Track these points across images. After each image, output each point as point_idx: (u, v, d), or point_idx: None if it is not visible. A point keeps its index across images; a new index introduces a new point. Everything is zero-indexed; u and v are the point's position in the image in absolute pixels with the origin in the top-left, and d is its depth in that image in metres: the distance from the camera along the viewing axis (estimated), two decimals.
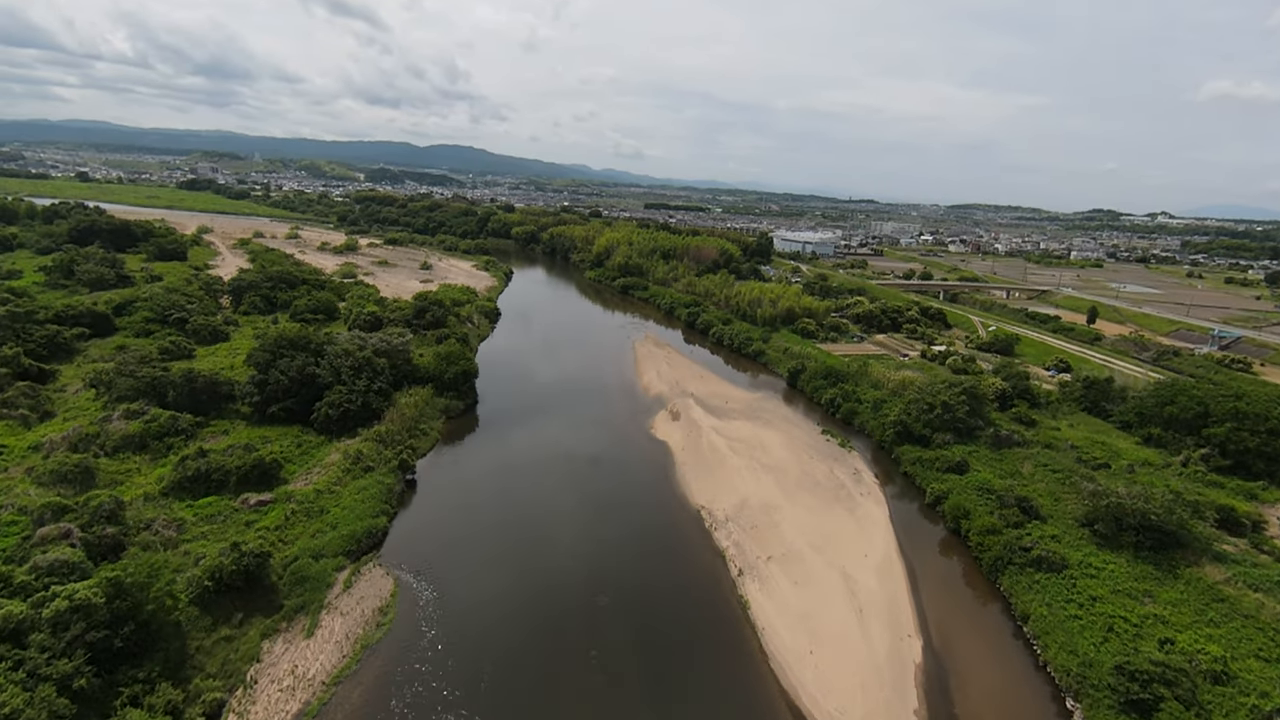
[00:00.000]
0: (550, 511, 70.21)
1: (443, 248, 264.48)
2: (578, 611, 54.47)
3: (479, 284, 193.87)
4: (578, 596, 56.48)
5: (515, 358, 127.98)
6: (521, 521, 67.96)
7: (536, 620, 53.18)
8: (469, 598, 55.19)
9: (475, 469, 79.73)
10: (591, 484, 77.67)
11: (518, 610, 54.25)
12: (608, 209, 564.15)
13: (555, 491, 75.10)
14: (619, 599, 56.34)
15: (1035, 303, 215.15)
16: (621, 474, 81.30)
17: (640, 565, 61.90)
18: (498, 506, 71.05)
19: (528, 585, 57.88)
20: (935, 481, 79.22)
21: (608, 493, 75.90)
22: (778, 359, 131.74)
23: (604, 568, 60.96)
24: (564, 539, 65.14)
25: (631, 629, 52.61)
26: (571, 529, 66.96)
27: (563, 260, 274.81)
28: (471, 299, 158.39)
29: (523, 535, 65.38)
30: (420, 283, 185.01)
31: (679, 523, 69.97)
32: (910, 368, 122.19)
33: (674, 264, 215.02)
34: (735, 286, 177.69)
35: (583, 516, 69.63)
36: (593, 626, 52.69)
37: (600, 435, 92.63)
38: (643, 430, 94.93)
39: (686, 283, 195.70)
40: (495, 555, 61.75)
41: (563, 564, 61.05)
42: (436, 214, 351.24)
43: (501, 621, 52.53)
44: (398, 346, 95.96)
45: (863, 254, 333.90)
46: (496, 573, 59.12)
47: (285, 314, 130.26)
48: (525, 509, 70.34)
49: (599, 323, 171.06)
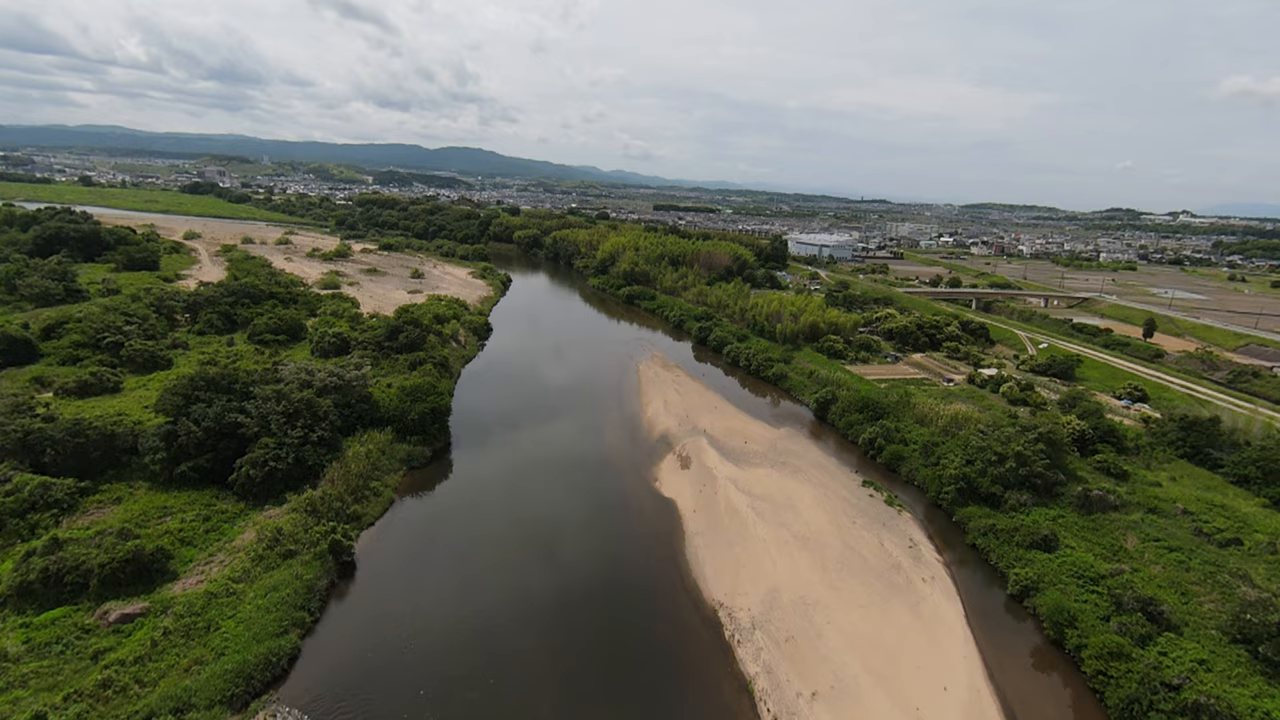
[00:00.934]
0: (519, 615, 53.03)
1: (440, 253, 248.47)
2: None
3: (473, 294, 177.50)
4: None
5: (502, 385, 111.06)
6: (481, 631, 50.87)
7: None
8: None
9: (432, 546, 62.74)
10: (577, 568, 60.39)
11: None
12: (616, 211, 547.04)
13: (529, 580, 57.96)
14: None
15: (1077, 312, 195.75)
16: (617, 550, 63.98)
17: (636, 713, 44.66)
18: (451, 604, 54.02)
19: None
20: (1018, 563, 61.37)
21: (598, 582, 58.61)
22: (802, 384, 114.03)
23: (584, 716, 43.83)
24: (533, 662, 48.02)
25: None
26: (543, 648, 49.79)
27: (566, 266, 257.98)
28: (459, 313, 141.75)
29: (477, 657, 48.29)
30: (408, 293, 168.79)
31: (689, 632, 52.60)
32: (958, 396, 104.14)
33: (683, 271, 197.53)
34: (751, 298, 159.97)
35: (560, 625, 52.42)
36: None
37: (593, 492, 75.41)
38: (645, 483, 77.67)
39: (697, 292, 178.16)
40: (440, 685, 44.77)
41: (529, 708, 43.96)
42: (437, 217, 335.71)
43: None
44: (352, 381, 79.25)
45: (882, 258, 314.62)
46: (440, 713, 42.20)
47: (245, 333, 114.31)
48: (488, 613, 53.19)
49: (601, 338, 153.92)
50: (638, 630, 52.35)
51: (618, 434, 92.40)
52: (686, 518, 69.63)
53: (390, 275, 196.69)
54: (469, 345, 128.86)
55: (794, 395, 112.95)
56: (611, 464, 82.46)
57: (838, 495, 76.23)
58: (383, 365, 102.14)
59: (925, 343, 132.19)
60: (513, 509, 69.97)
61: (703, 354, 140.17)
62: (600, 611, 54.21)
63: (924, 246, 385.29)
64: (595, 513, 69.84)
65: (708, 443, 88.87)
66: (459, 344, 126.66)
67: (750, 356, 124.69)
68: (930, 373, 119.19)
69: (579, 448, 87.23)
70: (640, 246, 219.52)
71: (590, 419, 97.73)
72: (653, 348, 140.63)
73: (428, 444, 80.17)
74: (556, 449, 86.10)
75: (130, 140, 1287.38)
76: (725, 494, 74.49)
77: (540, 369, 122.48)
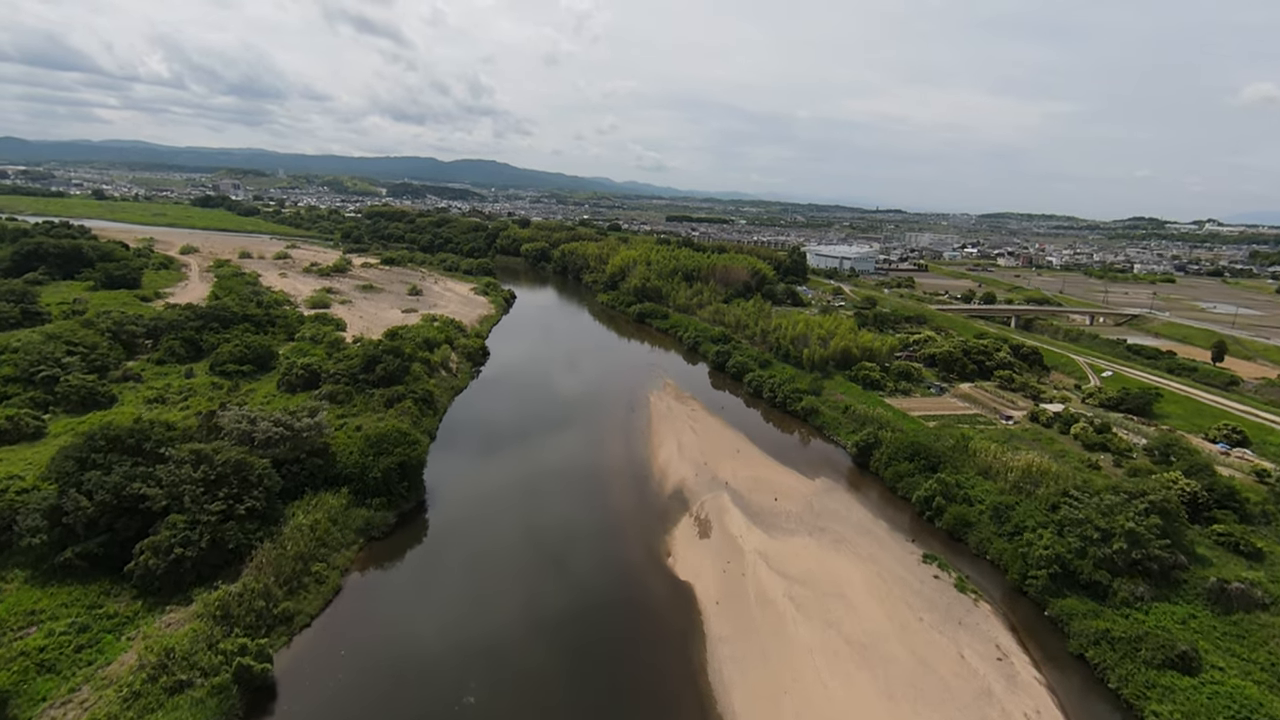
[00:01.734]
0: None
1: (443, 268, 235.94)
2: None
3: (472, 313, 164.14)
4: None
5: (493, 423, 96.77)
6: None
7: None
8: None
9: (377, 658, 48.24)
10: (566, 706, 45.57)
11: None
12: (628, 222, 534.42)
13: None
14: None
15: (1128, 330, 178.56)
16: (621, 671, 49.08)
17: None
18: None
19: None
20: (1152, 693, 45.67)
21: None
22: (836, 420, 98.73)
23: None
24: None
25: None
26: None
27: (574, 280, 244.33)
28: (453, 336, 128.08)
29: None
30: (401, 313, 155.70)
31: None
32: (1023, 439, 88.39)
33: (698, 287, 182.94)
34: (773, 318, 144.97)
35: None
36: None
37: (591, 576, 60.52)
38: (655, 560, 62.75)
39: (713, 310, 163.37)
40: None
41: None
42: (444, 230, 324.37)
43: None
44: (303, 431, 65.28)
45: (906, 270, 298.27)
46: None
47: (209, 362, 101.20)
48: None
49: (609, 363, 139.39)
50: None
51: (624, 489, 77.57)
52: (708, 613, 54.62)
53: (387, 292, 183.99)
54: (460, 373, 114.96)
55: (827, 434, 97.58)
56: (615, 533, 67.54)
57: (894, 576, 60.87)
58: (355, 402, 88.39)
59: (973, 371, 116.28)
60: (486, 599, 55.35)
61: (721, 381, 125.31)
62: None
63: (948, 258, 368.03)
64: (591, 611, 54.80)
65: (730, 499, 73.95)
66: (449, 372, 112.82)
67: (775, 387, 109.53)
68: (983, 407, 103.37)
69: (577, 510, 72.50)
70: (652, 260, 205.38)
71: (592, 468, 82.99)
72: (665, 374, 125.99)
73: (393, 506, 65.94)
74: (549, 513, 71.38)
75: (152, 155, 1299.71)
76: (755, 575, 59.46)
77: (538, 402, 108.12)
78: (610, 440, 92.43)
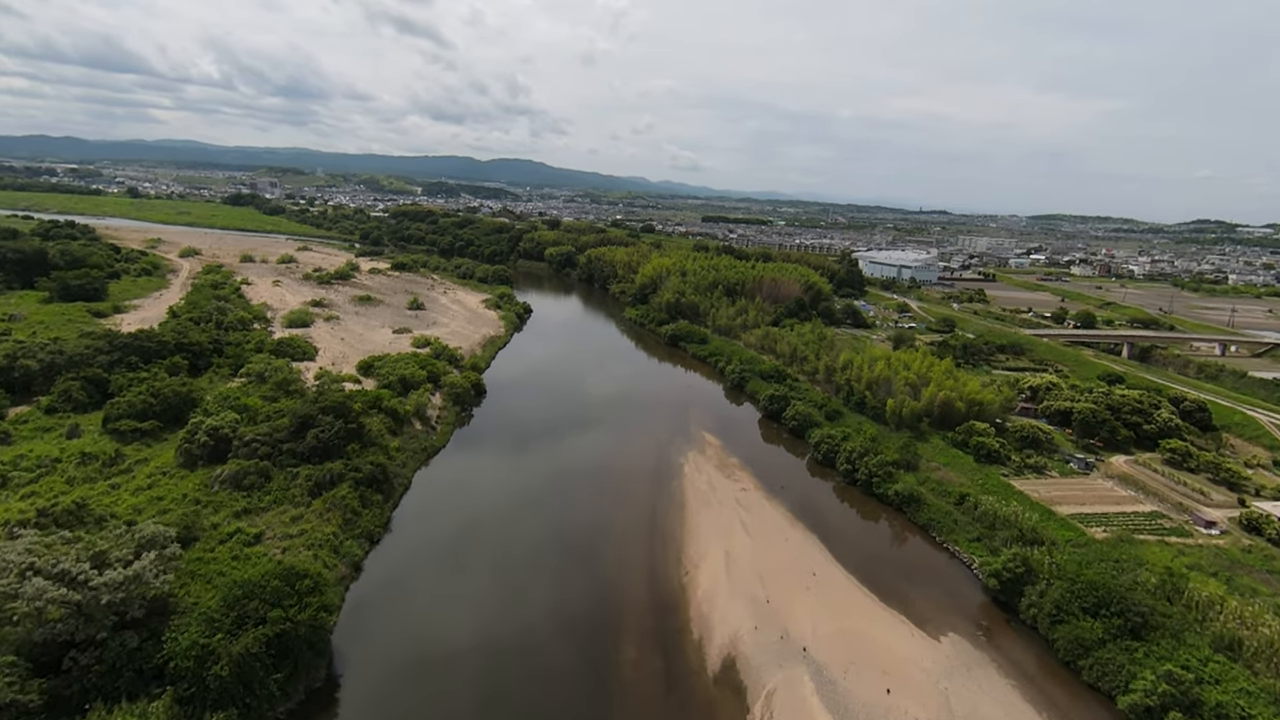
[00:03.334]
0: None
1: (457, 275, 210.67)
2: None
3: (477, 333, 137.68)
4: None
5: (466, 508, 69.09)
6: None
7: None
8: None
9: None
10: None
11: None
12: (662, 223, 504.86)
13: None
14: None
15: (1271, 362, 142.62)
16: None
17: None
18: None
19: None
20: None
21: None
22: (948, 519, 68.56)
23: None
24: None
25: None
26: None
27: (600, 290, 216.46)
28: (442, 371, 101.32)
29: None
30: (393, 333, 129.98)
31: None
32: (1247, 565, 57.24)
33: (742, 304, 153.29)
34: (838, 349, 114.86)
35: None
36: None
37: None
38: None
39: (761, 335, 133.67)
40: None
41: None
42: (466, 232, 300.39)
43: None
44: (111, 603, 38.33)
45: (971, 280, 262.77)
46: None
47: (110, 410, 75.99)
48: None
49: (634, 402, 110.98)
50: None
51: (644, 659, 48.91)
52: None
53: (385, 305, 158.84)
54: (441, 425, 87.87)
55: (938, 539, 67.52)
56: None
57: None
58: (272, 486, 61.83)
59: (1126, 437, 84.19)
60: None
61: (775, 435, 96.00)
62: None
63: (1014, 265, 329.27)
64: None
65: (815, 689, 44.99)
66: (425, 424, 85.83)
67: (855, 458, 79.42)
68: (1159, 500, 71.83)
69: (566, 700, 44.22)
70: (689, 270, 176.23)
71: (597, 611, 54.38)
72: (704, 421, 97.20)
73: (256, 716, 38.69)
74: (521, 701, 43.26)
75: (201, 154, 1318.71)
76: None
77: (534, 470, 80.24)
78: (627, 543, 64.03)
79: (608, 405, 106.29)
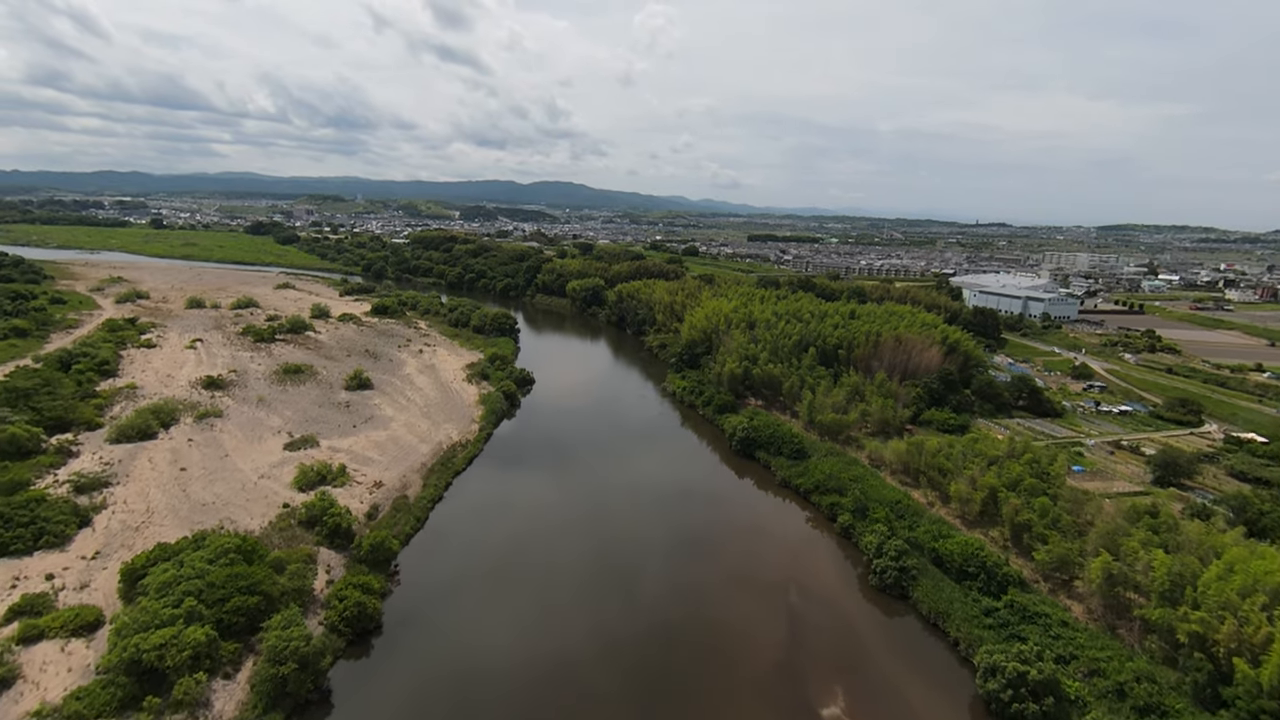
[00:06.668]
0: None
1: (448, 321, 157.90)
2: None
3: (432, 435, 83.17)
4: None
5: None
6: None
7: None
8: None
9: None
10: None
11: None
12: (706, 243, 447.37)
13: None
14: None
15: None
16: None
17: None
18: None
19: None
20: None
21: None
22: None
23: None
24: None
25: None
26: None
27: (634, 338, 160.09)
28: (286, 588, 46.44)
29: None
30: (286, 449, 76.48)
31: None
32: None
33: (850, 379, 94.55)
34: (1111, 526, 54.43)
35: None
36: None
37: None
38: None
39: (908, 450, 74.41)
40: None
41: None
42: (479, 261, 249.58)
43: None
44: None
45: (1111, 313, 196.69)
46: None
47: None
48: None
49: (682, 599, 53.47)
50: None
51: None
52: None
53: (316, 381, 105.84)
54: None
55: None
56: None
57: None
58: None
59: None
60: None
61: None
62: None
63: (1147, 289, 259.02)
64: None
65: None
66: None
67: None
68: None
69: None
70: (757, 320, 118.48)
71: None
72: (839, 683, 39.16)
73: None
74: None
75: (257, 184, 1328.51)
76: None
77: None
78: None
79: (629, 617, 49.10)
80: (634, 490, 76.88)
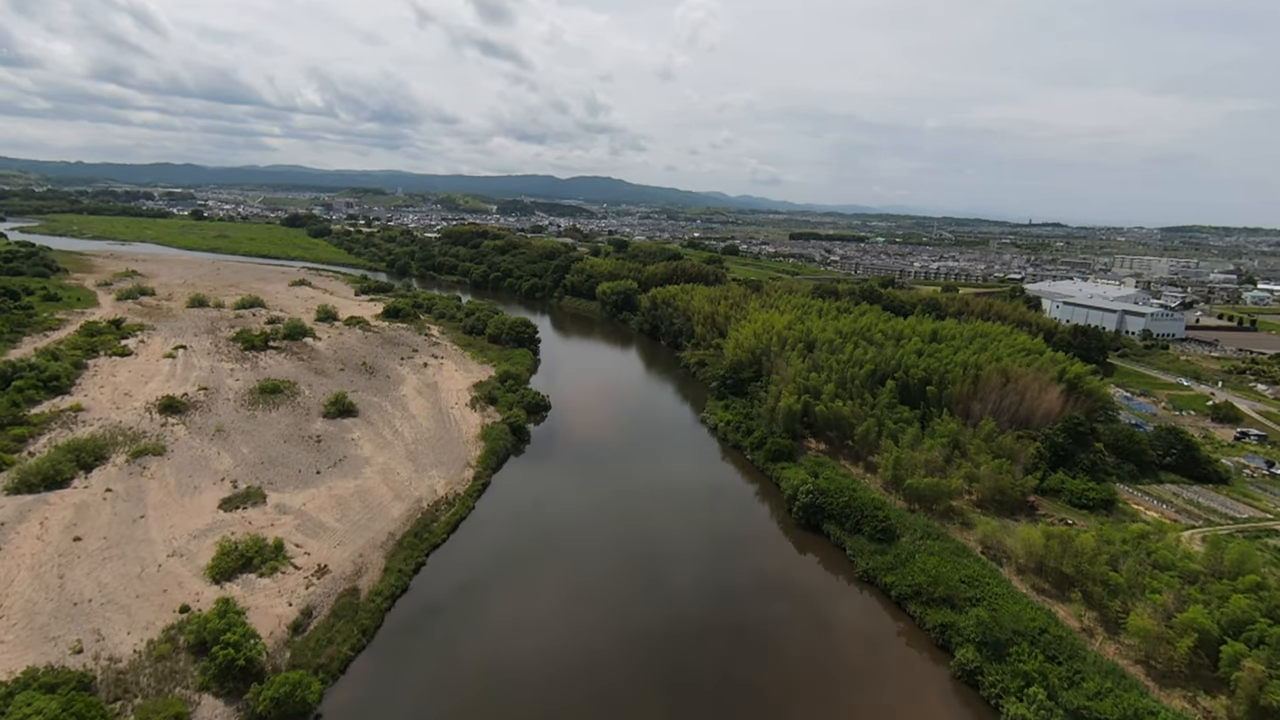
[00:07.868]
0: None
1: (463, 328, 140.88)
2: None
3: (415, 485, 65.32)
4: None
5: None
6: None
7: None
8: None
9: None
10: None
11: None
12: (746, 241, 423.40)
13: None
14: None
15: None
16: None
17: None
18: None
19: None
20: None
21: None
22: None
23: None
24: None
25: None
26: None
27: (669, 350, 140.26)
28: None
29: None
30: (221, 509, 59.41)
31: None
32: None
33: (943, 425, 72.92)
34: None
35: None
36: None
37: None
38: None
39: (1046, 543, 52.77)
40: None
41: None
42: (505, 260, 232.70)
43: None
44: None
45: (1218, 329, 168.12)
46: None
47: None
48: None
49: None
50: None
51: None
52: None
53: (293, 404, 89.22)
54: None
55: None
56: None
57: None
58: None
59: None
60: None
61: None
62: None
63: (1250, 301, 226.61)
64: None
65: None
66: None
67: None
68: None
69: None
70: (818, 339, 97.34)
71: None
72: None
73: None
74: None
75: (305, 178, 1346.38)
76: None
77: None
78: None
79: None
80: (663, 589, 56.87)
